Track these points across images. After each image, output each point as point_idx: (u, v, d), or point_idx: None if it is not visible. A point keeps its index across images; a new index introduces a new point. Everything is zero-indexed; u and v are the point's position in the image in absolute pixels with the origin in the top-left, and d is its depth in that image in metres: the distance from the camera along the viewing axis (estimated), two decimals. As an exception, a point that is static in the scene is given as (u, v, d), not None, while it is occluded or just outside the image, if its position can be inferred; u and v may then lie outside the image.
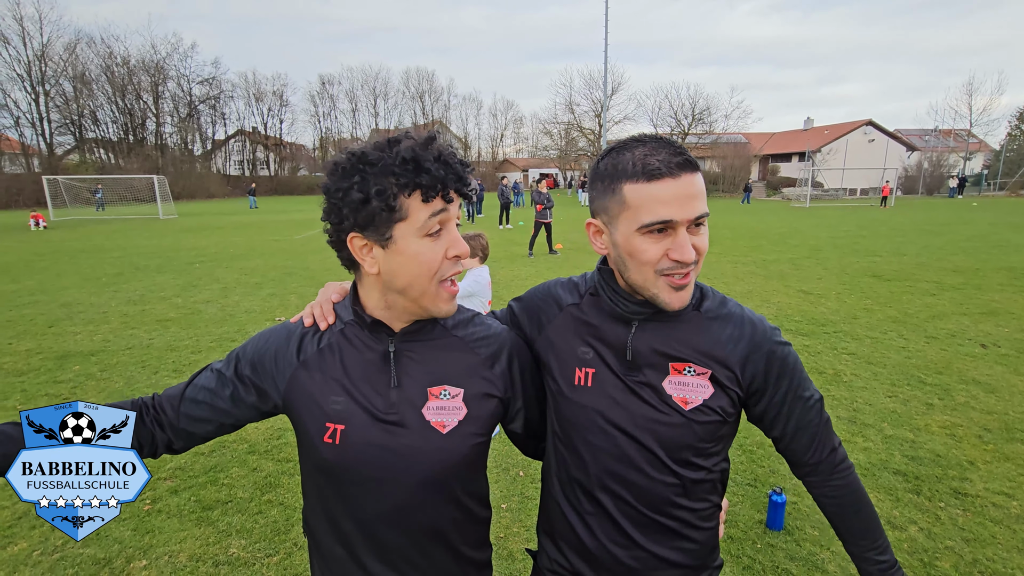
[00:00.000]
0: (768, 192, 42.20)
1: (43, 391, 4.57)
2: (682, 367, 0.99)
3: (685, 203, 0.89)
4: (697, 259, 0.93)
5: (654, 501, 1.03)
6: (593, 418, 1.03)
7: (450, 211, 0.91)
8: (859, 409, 4.13)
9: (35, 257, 12.68)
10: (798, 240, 14.37)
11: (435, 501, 1.00)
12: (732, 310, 1.04)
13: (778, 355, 1.01)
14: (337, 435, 0.96)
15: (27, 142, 44.18)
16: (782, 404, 1.03)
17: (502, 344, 1.07)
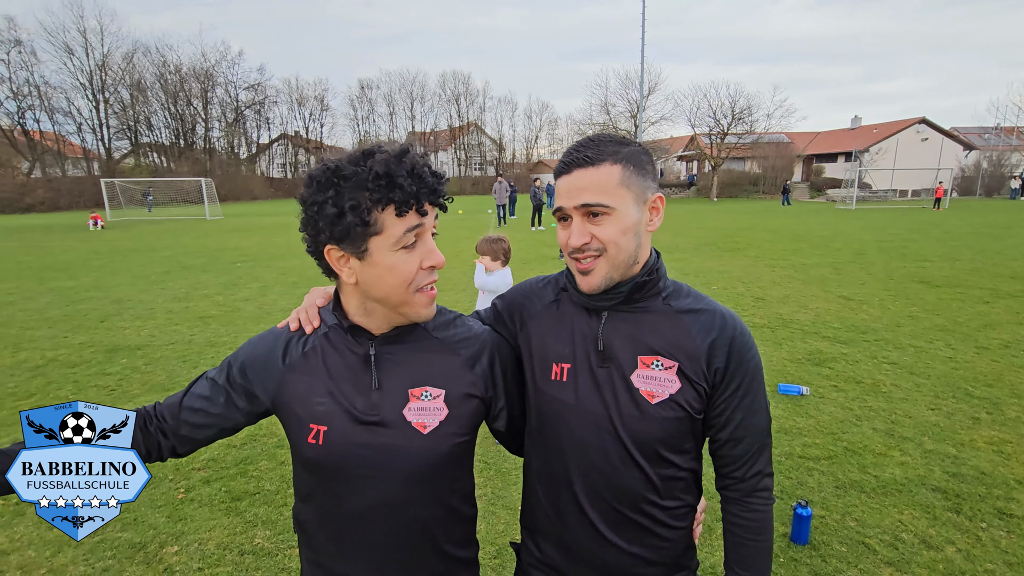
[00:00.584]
0: (811, 193, 40.75)
1: (93, 382, 4.84)
2: (650, 360, 1.02)
3: (573, 194, 0.99)
4: (600, 247, 0.98)
5: (625, 496, 1.05)
6: (567, 412, 1.06)
7: (424, 224, 0.94)
8: (898, 421, 3.95)
9: (92, 255, 13.43)
10: (841, 243, 13.83)
11: (418, 499, 1.02)
12: (706, 306, 1.05)
13: (739, 348, 1.02)
14: (320, 436, 0.99)
15: (88, 147, 46.93)
16: (731, 401, 1.03)
17: (483, 344, 1.09)
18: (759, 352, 1.07)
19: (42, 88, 43.34)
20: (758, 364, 1.04)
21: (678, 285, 1.09)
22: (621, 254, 1.00)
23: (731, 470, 1.07)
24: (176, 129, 50.92)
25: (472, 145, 60.52)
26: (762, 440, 1.05)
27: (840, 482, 3.19)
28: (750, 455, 1.05)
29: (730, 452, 1.05)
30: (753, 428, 1.04)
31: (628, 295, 1.03)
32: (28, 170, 42.24)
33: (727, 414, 1.03)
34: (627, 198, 0.99)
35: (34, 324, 6.85)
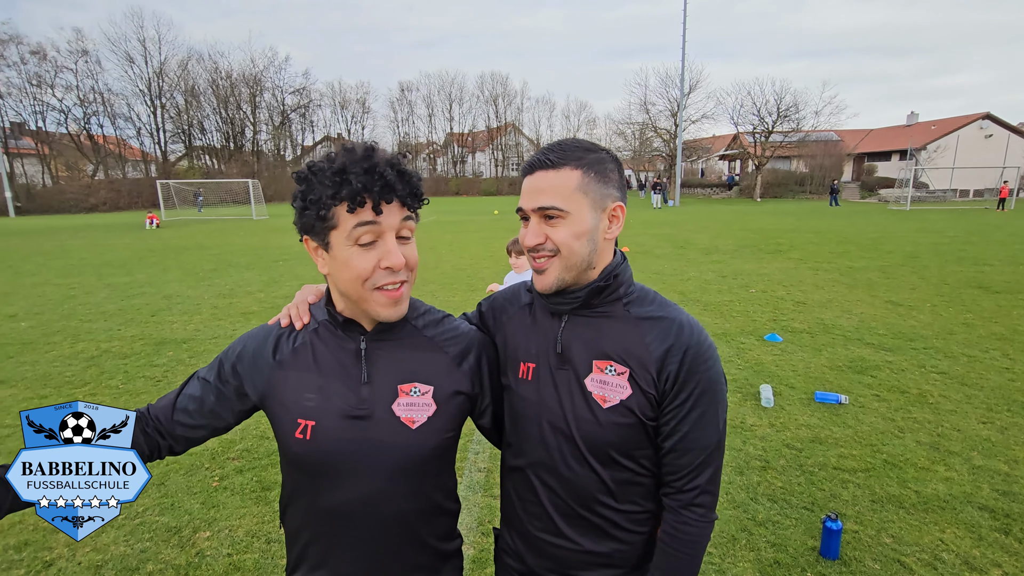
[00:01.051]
0: (862, 194, 38.97)
1: (141, 373, 5.11)
2: (604, 365, 1.03)
3: (532, 195, 1.02)
4: (554, 248, 1.01)
5: (579, 496, 1.07)
6: (530, 410, 1.09)
7: (381, 223, 0.93)
8: (944, 435, 3.74)
9: (147, 253, 14.18)
10: (892, 246, 13.17)
11: (403, 493, 1.04)
12: (667, 313, 1.05)
13: (693, 358, 1.00)
14: (308, 431, 1.01)
15: (146, 150, 49.53)
16: (678, 411, 1.02)
17: (470, 343, 1.13)
18: (722, 367, 1.06)
19: (105, 95, 46.01)
20: (715, 379, 1.02)
21: (645, 292, 1.10)
22: (574, 257, 1.01)
23: (672, 479, 1.06)
24: (226, 132, 53.11)
25: (509, 146, 60.65)
26: (707, 456, 1.03)
27: (877, 496, 3.04)
28: (692, 468, 1.03)
29: (673, 462, 1.05)
30: (699, 443, 1.02)
31: (586, 300, 1.05)
32: (92, 172, 44.92)
33: (673, 424, 1.02)
34: (583, 204, 1.00)
35: (92, 317, 7.29)
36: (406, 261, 0.97)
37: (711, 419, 1.03)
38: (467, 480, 3.30)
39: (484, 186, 54.15)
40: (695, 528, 1.04)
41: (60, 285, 9.64)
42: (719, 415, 1.04)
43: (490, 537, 2.74)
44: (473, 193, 52.98)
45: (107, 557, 2.60)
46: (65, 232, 21.29)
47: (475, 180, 56.55)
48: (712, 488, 1.05)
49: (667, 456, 1.05)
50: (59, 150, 43.64)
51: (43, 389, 4.73)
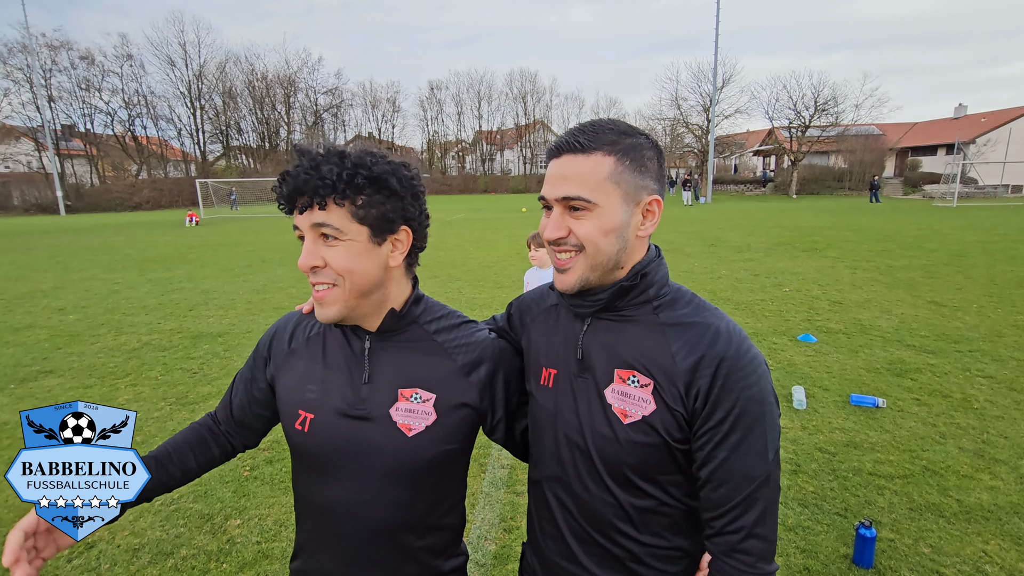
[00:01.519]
0: (905, 190, 37.43)
1: (179, 365, 5.30)
2: (627, 375, 0.91)
3: (556, 183, 0.90)
4: (578, 243, 0.89)
5: (595, 519, 0.96)
6: (548, 419, 1.00)
7: (299, 224, 0.93)
8: (990, 441, 3.56)
9: (187, 250, 14.69)
10: (937, 244, 12.62)
11: (392, 501, 1.00)
12: (701, 319, 0.90)
13: (729, 371, 0.85)
14: (307, 423, 1.01)
15: (187, 150, 51.34)
16: (713, 434, 0.86)
17: (483, 352, 1.06)
18: (771, 384, 0.89)
19: (148, 97, 47.91)
20: (758, 398, 0.86)
21: (680, 294, 0.95)
22: (599, 255, 0.90)
23: (709, 517, 0.90)
24: (262, 132, 54.56)
25: (538, 143, 60.49)
26: (752, 491, 0.86)
27: (915, 504, 2.92)
28: (733, 505, 0.86)
29: (709, 495, 0.89)
30: (738, 473, 0.86)
31: (609, 301, 0.93)
32: (136, 172, 46.85)
33: (707, 449, 0.87)
34: (614, 195, 0.88)
35: (134, 311, 7.60)
36: (327, 263, 0.92)
37: (755, 446, 0.86)
38: (490, 476, 3.31)
39: (512, 183, 54.17)
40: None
41: (105, 280, 10.08)
42: (767, 442, 0.86)
43: (512, 534, 2.74)
44: (501, 191, 53.07)
45: (144, 541, 2.71)
46: (110, 229, 22.24)
47: (503, 178, 56.62)
48: (762, 531, 0.87)
49: (703, 488, 0.90)
50: (106, 151, 45.69)
51: (88, 379, 4.95)
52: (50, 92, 42.74)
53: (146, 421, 4.05)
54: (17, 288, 9.42)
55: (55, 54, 42.51)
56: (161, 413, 4.20)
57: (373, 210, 0.93)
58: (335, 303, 0.95)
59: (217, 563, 2.55)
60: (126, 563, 2.56)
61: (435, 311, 1.08)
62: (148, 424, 4.00)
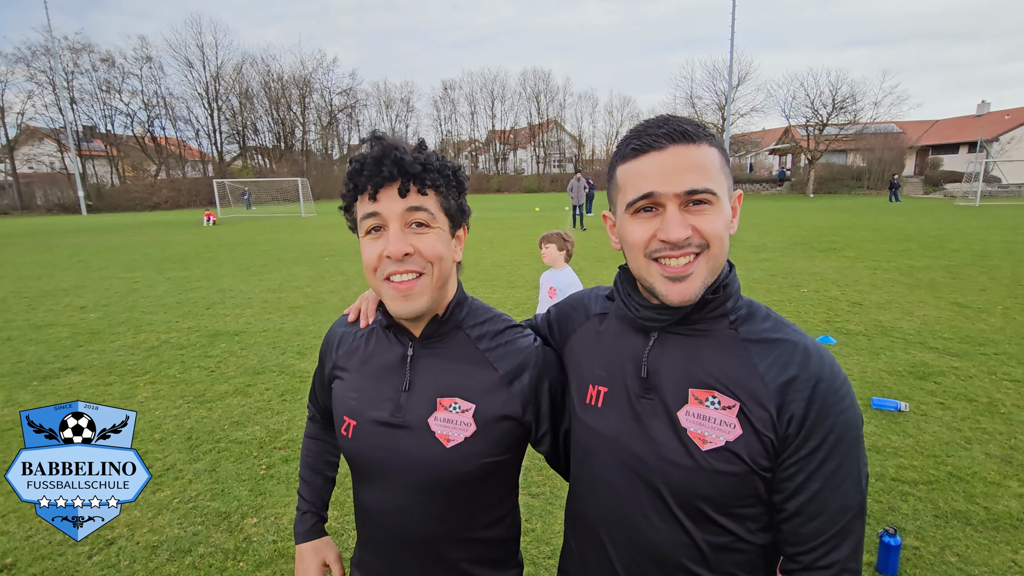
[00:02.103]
0: (926, 189, 36.71)
1: (196, 363, 5.36)
2: (704, 396, 0.82)
3: (671, 175, 0.79)
4: (702, 243, 0.80)
5: (659, 560, 0.86)
6: (599, 444, 0.90)
7: (382, 211, 0.91)
8: (1018, 447, 3.46)
9: (204, 249, 14.88)
10: (959, 244, 12.34)
11: (430, 514, 0.98)
12: (786, 336, 0.83)
13: (825, 395, 0.78)
14: (350, 429, 1.02)
15: (204, 151, 52.10)
16: (806, 463, 0.79)
17: (526, 360, 1.01)
18: (855, 398, 0.82)
19: (167, 99, 48.71)
20: (854, 423, 0.79)
21: (755, 308, 0.88)
22: (723, 254, 0.82)
23: (796, 552, 0.82)
24: (277, 133, 55.17)
25: (551, 142, 60.38)
26: (846, 523, 0.80)
27: (941, 511, 2.85)
28: (826, 539, 0.80)
29: (798, 529, 0.81)
30: (833, 505, 0.79)
31: (686, 314, 0.85)
32: (155, 172, 47.65)
33: (798, 480, 0.79)
34: (724, 188, 0.82)
35: (152, 309, 7.71)
36: (417, 250, 0.90)
37: (850, 474, 0.80)
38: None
39: (526, 183, 54.12)
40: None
41: (125, 279, 10.25)
42: (861, 469, 0.81)
43: (526, 536, 2.72)
44: (515, 190, 53.06)
45: (163, 538, 2.73)
46: (130, 229, 22.63)
47: (517, 177, 56.61)
48: (854, 566, 0.81)
49: (790, 521, 0.81)
50: (126, 152, 46.54)
51: (108, 376, 5.03)
52: (72, 94, 43.63)
53: (164, 419, 4.10)
54: (40, 286, 9.62)
55: (77, 57, 43.42)
56: (179, 411, 4.25)
57: (452, 202, 0.95)
58: (424, 293, 0.92)
59: (234, 561, 2.57)
60: (145, 560, 2.58)
61: (479, 315, 1.05)
62: (167, 422, 4.05)
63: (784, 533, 0.83)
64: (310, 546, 1.18)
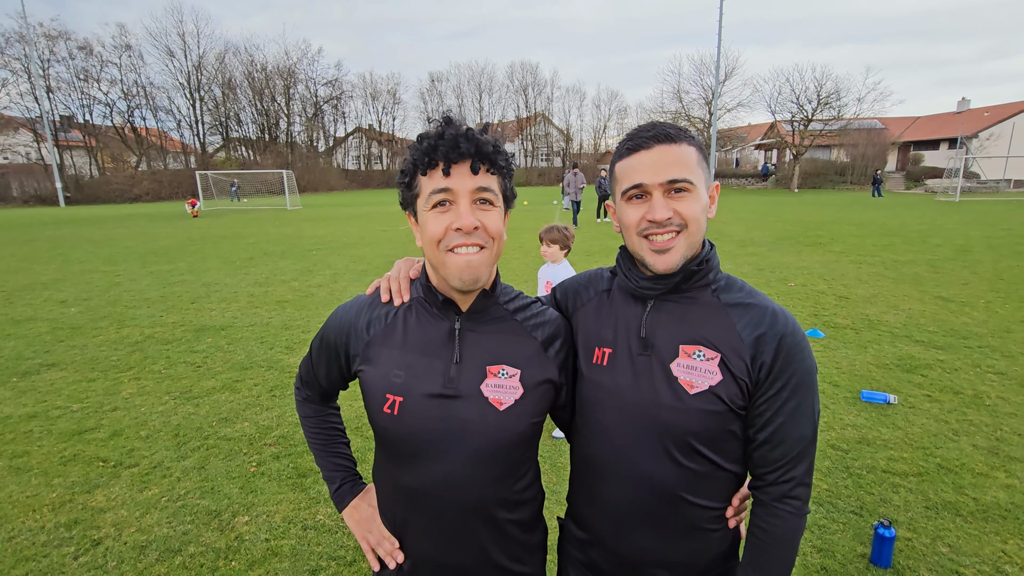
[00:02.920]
0: (908, 184, 37.29)
1: (182, 359, 5.25)
2: (692, 350, 1.00)
3: (657, 169, 0.99)
4: (681, 223, 0.99)
5: (655, 489, 1.03)
6: (604, 397, 1.06)
7: (454, 187, 0.95)
8: (1004, 439, 3.53)
9: (187, 242, 14.62)
10: (941, 239, 12.56)
11: (485, 478, 1.04)
12: (757, 301, 1.03)
13: (789, 347, 0.98)
14: (396, 406, 1.03)
15: (186, 142, 51.10)
16: (773, 401, 0.98)
17: (557, 329, 1.12)
18: (815, 357, 1.01)
19: (147, 88, 47.65)
20: (809, 370, 1.00)
21: (732, 280, 1.08)
22: (698, 233, 1.01)
23: (764, 472, 1.02)
24: (262, 124, 54.34)
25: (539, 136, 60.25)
26: (802, 448, 1.00)
27: (931, 502, 2.89)
28: (787, 460, 1.00)
29: (766, 455, 1.01)
30: (794, 434, 0.99)
31: (677, 284, 1.03)
32: (136, 164, 46.61)
33: (767, 415, 0.99)
34: (701, 179, 1.01)
35: (136, 303, 7.55)
36: (482, 225, 0.96)
37: (807, 410, 1.00)
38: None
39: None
40: (790, 521, 1.01)
41: (107, 272, 10.02)
42: (814, 406, 1.01)
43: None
44: (502, 184, 52.82)
45: (151, 538, 2.67)
46: (111, 221, 22.15)
47: (504, 171, 56.37)
48: (808, 480, 1.02)
49: (759, 448, 1.02)
50: (105, 142, 45.46)
51: (91, 372, 4.91)
52: (48, 83, 42.51)
53: (150, 416, 4.02)
54: (18, 280, 9.37)
55: (53, 44, 42.26)
56: (165, 408, 4.16)
57: (507, 185, 1.04)
58: (485, 265, 0.99)
59: (226, 561, 2.51)
60: (133, 560, 2.52)
61: (508, 291, 1.14)
62: (152, 419, 3.96)
63: (754, 459, 1.04)
64: (359, 498, 1.23)
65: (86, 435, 3.73)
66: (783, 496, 1.01)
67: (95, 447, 3.56)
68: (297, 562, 2.50)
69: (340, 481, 1.25)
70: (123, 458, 3.42)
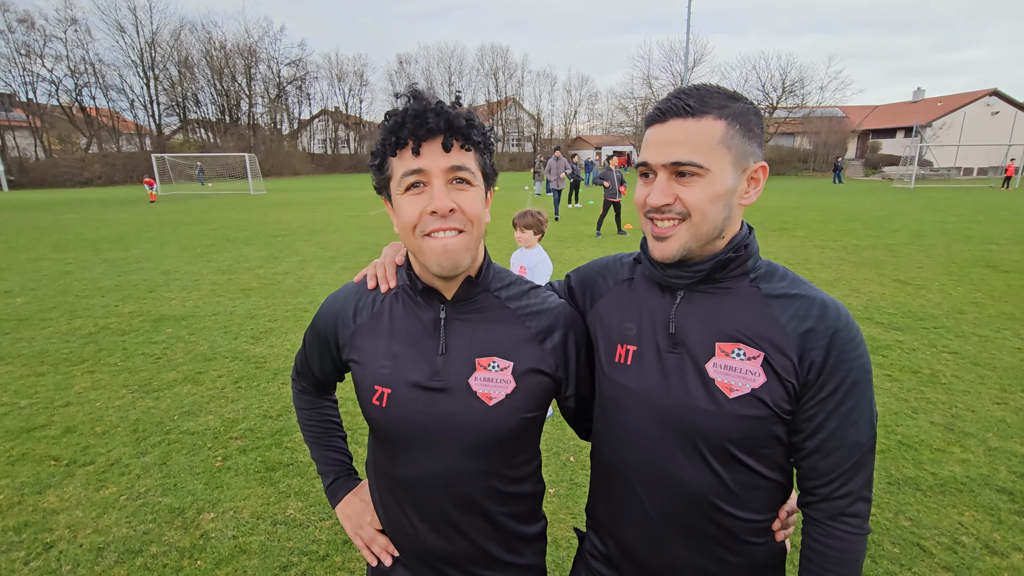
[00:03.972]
0: (866, 171, 38.58)
1: (140, 351, 5.02)
2: (730, 348, 0.89)
3: (663, 148, 0.87)
4: (683, 211, 0.87)
5: (690, 500, 0.93)
6: (629, 399, 0.96)
7: (426, 167, 0.88)
8: (959, 416, 3.68)
9: (144, 228, 13.98)
10: (898, 224, 13.04)
11: (476, 472, 0.99)
12: (803, 291, 0.90)
13: (842, 343, 0.85)
14: (384, 398, 0.99)
15: (140, 123, 48.71)
16: (824, 404, 0.87)
17: (556, 319, 1.04)
18: (866, 346, 0.89)
19: (96, 66, 45.06)
20: (865, 367, 0.87)
21: (773, 267, 0.95)
22: (706, 224, 0.88)
23: (815, 485, 0.90)
24: (222, 105, 52.20)
25: (510, 120, 59.77)
26: (859, 457, 0.88)
27: (893, 478, 2.99)
28: (842, 472, 0.88)
29: (816, 464, 0.89)
30: (848, 441, 0.87)
31: (709, 273, 0.91)
32: (86, 146, 44.24)
33: (818, 420, 0.87)
34: (725, 161, 0.86)
35: (88, 293, 7.18)
36: (459, 207, 0.89)
37: (863, 413, 0.88)
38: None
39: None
40: (850, 542, 0.88)
41: (56, 260, 9.50)
42: (872, 408, 0.89)
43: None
44: (472, 169, 52.30)
45: (109, 539, 2.54)
46: (60, 206, 21.01)
47: (474, 155, 55.83)
48: (867, 494, 0.90)
49: (809, 457, 0.90)
50: (51, 122, 42.91)
51: (40, 366, 4.65)
52: (-15, 58, 39.76)
53: (106, 410, 3.82)
54: (-43, 269, 8.80)
55: (-11, 16, 39.43)
56: (123, 401, 3.97)
57: (487, 161, 0.95)
58: (466, 249, 0.92)
59: (191, 560, 2.41)
60: (90, 563, 2.39)
61: (503, 277, 1.06)
62: (109, 414, 3.77)
63: (804, 469, 0.92)
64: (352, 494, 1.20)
65: (36, 432, 3.53)
66: (839, 514, 0.89)
67: (46, 445, 3.37)
68: (267, 559, 2.42)
69: (334, 475, 1.22)
70: (77, 456, 3.24)
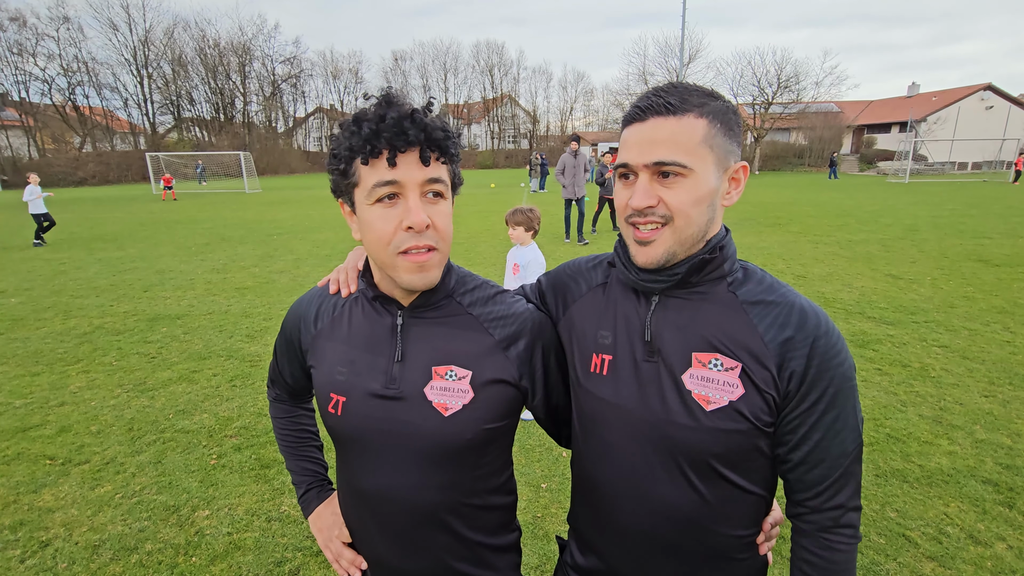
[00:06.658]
0: (861, 166, 38.68)
1: (135, 350, 5.03)
2: (707, 359, 0.85)
3: (643, 147, 0.83)
4: (667, 214, 0.83)
5: (672, 516, 0.89)
6: (605, 411, 0.92)
7: (400, 179, 0.83)
8: (947, 408, 3.73)
9: (138, 227, 13.95)
10: (891, 219, 13.10)
11: (435, 484, 0.95)
12: (781, 297, 0.86)
13: (823, 351, 0.82)
14: (339, 406, 0.96)
15: (135, 122, 48.46)
16: (807, 416, 0.83)
17: (522, 325, 0.99)
18: (848, 350, 0.86)
19: (90, 64, 44.83)
20: (848, 374, 0.84)
21: (750, 270, 0.91)
22: (690, 227, 0.84)
23: (804, 497, 0.88)
24: (216, 103, 51.97)
25: (505, 117, 59.67)
26: (847, 467, 0.85)
27: (881, 470, 3.03)
28: (830, 483, 0.85)
29: (803, 477, 0.87)
30: (835, 451, 0.84)
31: (685, 277, 0.87)
32: (80, 145, 44.00)
33: (802, 431, 0.84)
34: (708, 160, 0.83)
35: (83, 292, 7.17)
36: (433, 224, 0.86)
37: (848, 421, 0.84)
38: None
39: (480, 159, 53.46)
40: (844, 553, 0.86)
41: (50, 260, 9.48)
42: (856, 415, 0.86)
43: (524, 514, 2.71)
44: (469, 166, 52.29)
45: (104, 536, 2.56)
46: (54, 205, 20.85)
47: (471, 153, 55.76)
48: (856, 502, 0.87)
49: (795, 470, 0.87)
50: (44, 122, 42.65)
51: (35, 366, 4.65)
52: (-23, 56, 39.48)
53: (101, 410, 3.84)
54: (-50, 270, 8.77)
55: (-20, 15, 39.15)
56: (118, 401, 3.98)
57: (456, 171, 0.92)
58: (436, 266, 0.90)
59: (186, 557, 2.44)
60: (86, 561, 2.41)
61: (468, 282, 1.02)
62: (104, 413, 3.79)
63: (790, 482, 0.89)
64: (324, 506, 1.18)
65: (31, 432, 3.54)
66: (832, 526, 0.86)
67: (41, 444, 3.39)
68: (261, 555, 2.45)
69: (307, 486, 1.19)
70: (72, 455, 3.26)
